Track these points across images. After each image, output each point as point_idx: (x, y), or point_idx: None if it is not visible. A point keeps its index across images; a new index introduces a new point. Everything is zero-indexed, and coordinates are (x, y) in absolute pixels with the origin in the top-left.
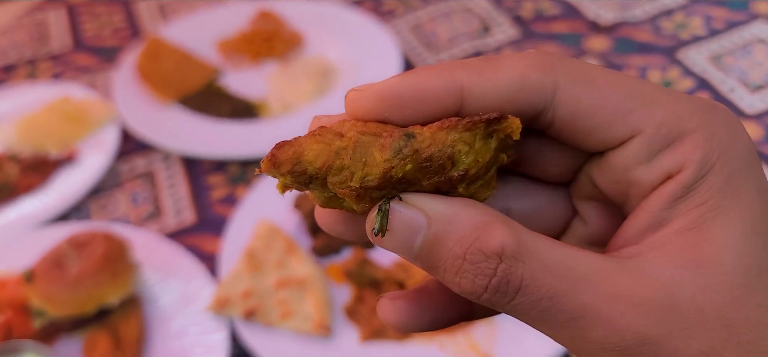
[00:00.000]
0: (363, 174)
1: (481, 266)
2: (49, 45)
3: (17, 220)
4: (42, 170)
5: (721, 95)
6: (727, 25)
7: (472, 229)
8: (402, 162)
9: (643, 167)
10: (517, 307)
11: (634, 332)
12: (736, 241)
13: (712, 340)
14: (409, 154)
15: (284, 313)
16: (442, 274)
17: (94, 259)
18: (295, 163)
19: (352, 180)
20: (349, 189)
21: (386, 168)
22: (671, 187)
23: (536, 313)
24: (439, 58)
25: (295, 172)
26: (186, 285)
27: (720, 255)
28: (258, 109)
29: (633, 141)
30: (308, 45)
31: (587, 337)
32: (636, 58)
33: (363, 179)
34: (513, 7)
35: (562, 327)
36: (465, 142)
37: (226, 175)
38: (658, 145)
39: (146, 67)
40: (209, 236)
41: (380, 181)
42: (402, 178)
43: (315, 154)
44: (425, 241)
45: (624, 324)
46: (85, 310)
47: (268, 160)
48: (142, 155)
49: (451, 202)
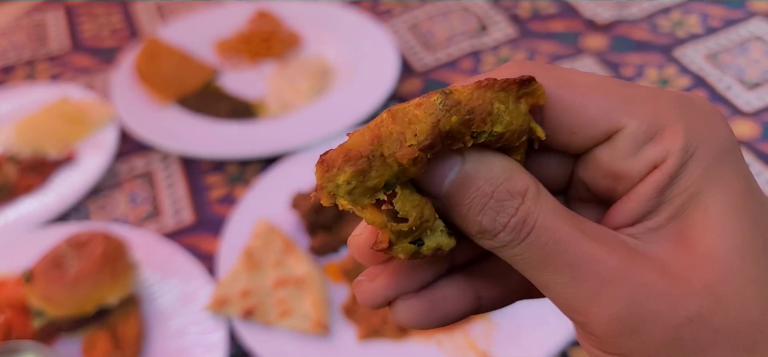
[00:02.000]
0: (412, 132)
1: (505, 204)
2: (47, 46)
3: (16, 221)
4: (41, 171)
5: (718, 93)
6: (723, 22)
7: (501, 171)
8: (448, 113)
9: (629, 160)
10: (525, 248)
11: (623, 292)
12: (718, 223)
13: (699, 307)
14: (452, 105)
15: (282, 312)
16: (465, 211)
17: (93, 259)
18: (346, 153)
19: (406, 139)
20: (408, 149)
21: (434, 120)
22: (657, 177)
23: (540, 257)
24: (437, 58)
25: (351, 159)
26: (185, 284)
27: (704, 237)
28: (256, 109)
29: (617, 136)
30: (306, 45)
31: (580, 286)
32: (633, 57)
33: (415, 138)
34: (510, 6)
35: (560, 272)
36: (501, 101)
37: (225, 175)
38: (642, 138)
39: (144, 67)
40: (208, 236)
41: (431, 136)
42: (449, 131)
43: (359, 136)
44: (457, 177)
45: (615, 280)
46: (84, 310)
47: (320, 167)
48: (141, 155)
49: (483, 150)
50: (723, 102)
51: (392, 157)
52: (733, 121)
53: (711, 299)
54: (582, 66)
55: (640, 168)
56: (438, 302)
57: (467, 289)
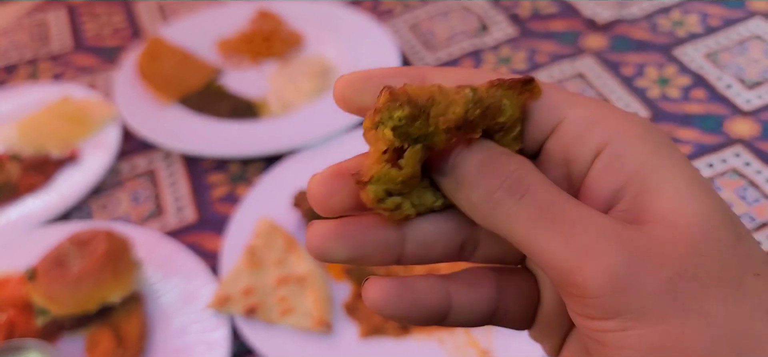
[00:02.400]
0: (452, 109)
1: (502, 166)
2: (49, 45)
3: (19, 220)
4: (43, 170)
5: (718, 92)
6: (723, 22)
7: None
8: (475, 106)
9: (576, 145)
10: (521, 207)
11: (618, 248)
12: (685, 194)
13: (687, 264)
14: (477, 99)
15: (285, 310)
16: (465, 174)
17: (96, 257)
18: (409, 96)
19: (447, 114)
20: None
21: (465, 108)
22: (604, 161)
23: (535, 216)
24: (438, 57)
25: (412, 103)
26: (187, 283)
27: (673, 207)
28: (258, 108)
29: (562, 124)
30: (307, 44)
31: (576, 242)
32: (633, 56)
33: (454, 114)
34: (510, 5)
35: (556, 231)
36: (507, 98)
37: (227, 173)
38: (584, 124)
39: (146, 67)
40: (210, 234)
41: (463, 119)
42: (471, 120)
43: (418, 89)
44: (464, 150)
45: (609, 236)
46: (87, 309)
47: (386, 94)
48: (143, 154)
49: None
50: (723, 101)
51: (435, 119)
52: (733, 120)
53: (696, 257)
54: (582, 66)
55: (586, 152)
56: (408, 287)
57: (439, 287)
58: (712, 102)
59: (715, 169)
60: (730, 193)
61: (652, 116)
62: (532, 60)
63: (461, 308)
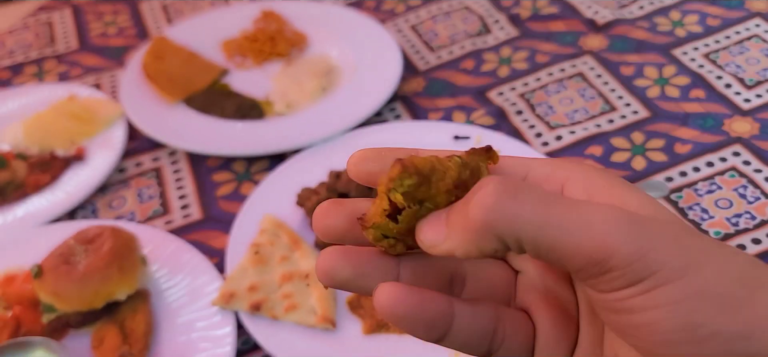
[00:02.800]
0: (449, 174)
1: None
2: (54, 45)
3: (25, 218)
4: (50, 168)
5: (717, 91)
6: (722, 22)
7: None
8: (464, 169)
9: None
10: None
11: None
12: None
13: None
14: (465, 164)
15: (289, 307)
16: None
17: (102, 254)
18: (416, 167)
19: (446, 178)
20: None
21: (458, 173)
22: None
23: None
24: (439, 56)
25: (419, 173)
26: (193, 280)
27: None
28: (262, 107)
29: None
30: (311, 45)
31: (588, 224)
32: (632, 56)
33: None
34: (510, 6)
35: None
36: (482, 161)
37: (232, 172)
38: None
39: (152, 66)
40: (215, 232)
41: (457, 181)
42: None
43: (423, 161)
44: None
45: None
46: (93, 305)
47: (399, 165)
48: (149, 153)
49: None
50: (722, 100)
51: (436, 184)
52: (732, 120)
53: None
54: (582, 66)
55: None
56: (417, 293)
57: (444, 299)
58: (712, 101)
59: (714, 168)
60: (729, 192)
61: (652, 116)
62: (532, 60)
63: (462, 327)
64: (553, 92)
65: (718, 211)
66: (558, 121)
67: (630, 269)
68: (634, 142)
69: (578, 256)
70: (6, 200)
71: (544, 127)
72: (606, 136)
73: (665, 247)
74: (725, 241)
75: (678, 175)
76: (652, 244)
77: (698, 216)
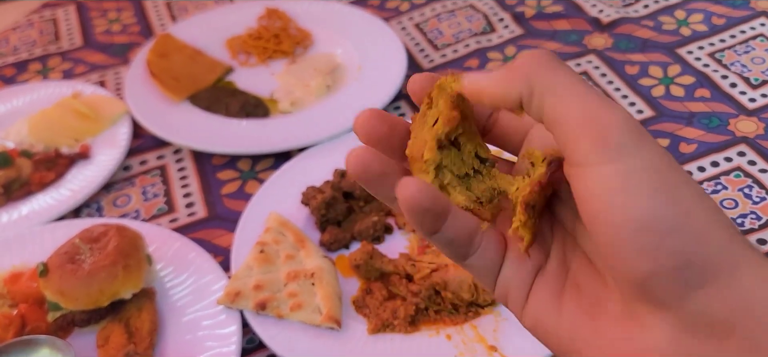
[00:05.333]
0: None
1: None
2: (59, 42)
3: (30, 215)
4: (54, 166)
5: (723, 90)
6: (728, 20)
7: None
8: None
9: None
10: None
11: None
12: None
13: (622, 118)
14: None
15: (294, 306)
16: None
17: (107, 252)
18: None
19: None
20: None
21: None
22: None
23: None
24: (443, 55)
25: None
26: (198, 278)
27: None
28: (267, 105)
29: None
30: (316, 43)
31: (584, 107)
32: (637, 55)
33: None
34: (515, 4)
35: (573, 99)
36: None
37: (237, 170)
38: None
39: (156, 64)
40: (220, 230)
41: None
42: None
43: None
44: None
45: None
46: (98, 304)
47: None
48: (154, 151)
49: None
50: (728, 100)
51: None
52: (737, 119)
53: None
54: (587, 65)
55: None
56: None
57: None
58: (717, 101)
59: (719, 168)
60: (734, 192)
61: (657, 115)
62: None
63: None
64: None
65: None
66: None
67: (609, 144)
68: None
69: (575, 124)
70: (11, 198)
71: None
72: None
73: (619, 132)
74: None
75: None
76: (613, 132)
77: None
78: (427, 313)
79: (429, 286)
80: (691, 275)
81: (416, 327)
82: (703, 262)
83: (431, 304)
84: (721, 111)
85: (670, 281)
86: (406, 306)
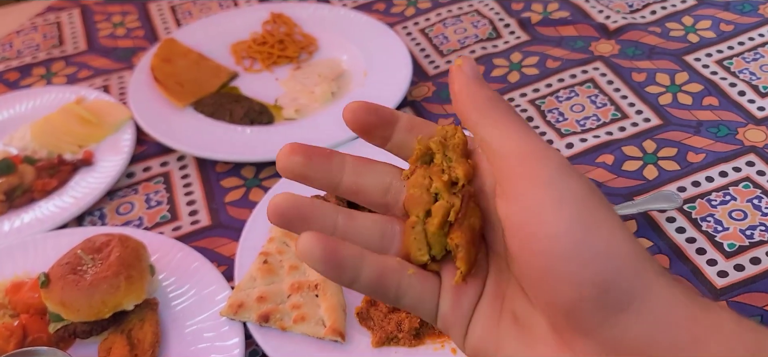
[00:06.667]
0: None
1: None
2: (63, 46)
3: (33, 223)
4: (58, 173)
5: (731, 99)
6: (736, 27)
7: None
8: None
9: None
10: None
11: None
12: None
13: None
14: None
15: (298, 318)
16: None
17: (109, 263)
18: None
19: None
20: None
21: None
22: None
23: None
24: (448, 61)
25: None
26: (201, 289)
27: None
28: (272, 112)
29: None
30: (321, 48)
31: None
32: (644, 62)
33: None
34: (521, 9)
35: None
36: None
37: (241, 178)
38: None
39: (160, 69)
40: (224, 239)
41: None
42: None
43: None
44: None
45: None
46: (100, 315)
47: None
48: (157, 157)
49: None
50: (736, 108)
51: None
52: (746, 129)
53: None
54: (593, 71)
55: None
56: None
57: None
58: (725, 109)
59: (728, 178)
60: (743, 203)
61: (664, 123)
62: (542, 65)
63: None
64: (564, 99)
65: (732, 223)
66: (569, 128)
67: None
68: (645, 150)
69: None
70: (13, 205)
71: (555, 135)
72: (617, 144)
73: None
74: (739, 255)
75: (691, 184)
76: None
77: (712, 227)
78: (432, 326)
79: None
80: (609, 301)
81: (421, 340)
82: (620, 289)
83: None
84: (730, 120)
85: (592, 308)
86: (410, 319)
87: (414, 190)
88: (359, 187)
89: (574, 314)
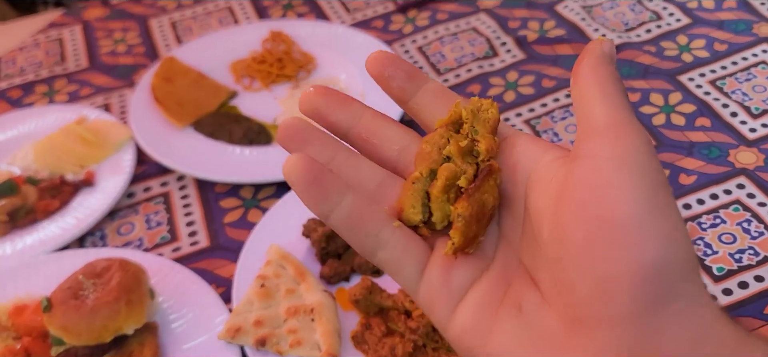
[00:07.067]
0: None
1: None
2: (65, 63)
3: (35, 245)
4: (60, 193)
5: (723, 120)
6: (729, 47)
7: None
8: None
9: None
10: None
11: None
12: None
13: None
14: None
15: (294, 342)
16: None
17: (110, 288)
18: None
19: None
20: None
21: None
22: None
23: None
24: (445, 79)
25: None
26: (199, 312)
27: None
28: (270, 132)
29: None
30: (320, 66)
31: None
32: (639, 82)
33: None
34: (517, 27)
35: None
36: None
37: (239, 198)
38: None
39: (160, 89)
40: (222, 261)
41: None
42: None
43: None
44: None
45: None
46: (101, 340)
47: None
48: (157, 178)
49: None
50: (728, 130)
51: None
52: (737, 150)
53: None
54: None
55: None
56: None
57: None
58: (717, 130)
59: (718, 201)
60: (733, 226)
61: (657, 145)
62: (538, 85)
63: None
64: (559, 119)
65: (721, 246)
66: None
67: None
68: None
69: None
70: (17, 226)
71: None
72: None
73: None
74: (728, 279)
75: (682, 207)
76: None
77: (701, 251)
78: (426, 351)
79: (427, 322)
80: (655, 290)
81: None
82: (670, 282)
83: (429, 342)
84: (722, 141)
85: (634, 291)
86: (404, 343)
87: (426, 146)
88: (374, 135)
89: (610, 295)
